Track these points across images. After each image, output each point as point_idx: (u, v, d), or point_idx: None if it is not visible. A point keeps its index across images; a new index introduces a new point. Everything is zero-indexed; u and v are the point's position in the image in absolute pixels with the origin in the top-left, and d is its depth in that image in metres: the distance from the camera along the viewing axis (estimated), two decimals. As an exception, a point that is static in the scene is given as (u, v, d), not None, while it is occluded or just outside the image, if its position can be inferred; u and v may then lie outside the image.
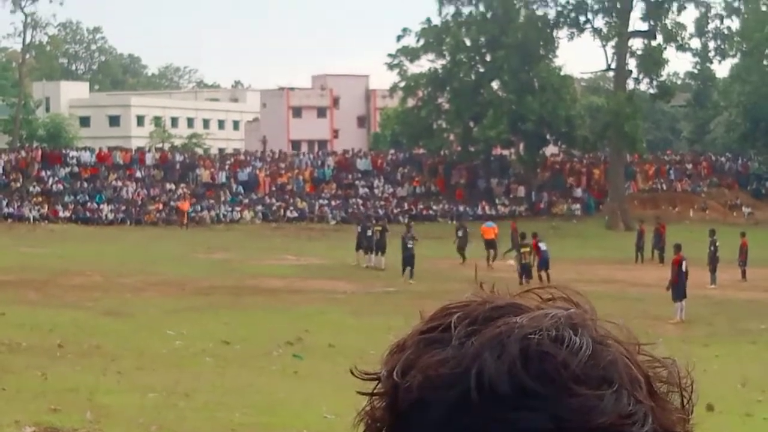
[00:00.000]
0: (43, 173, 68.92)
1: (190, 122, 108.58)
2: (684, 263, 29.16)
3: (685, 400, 1.18)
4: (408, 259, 37.07)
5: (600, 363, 1.11)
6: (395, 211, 68.26)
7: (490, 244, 42.10)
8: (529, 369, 1.10)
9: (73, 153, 73.02)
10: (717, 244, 37.96)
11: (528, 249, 33.29)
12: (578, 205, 72.85)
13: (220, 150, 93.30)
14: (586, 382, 1.10)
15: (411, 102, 74.46)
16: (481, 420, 1.10)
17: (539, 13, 71.63)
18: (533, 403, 1.09)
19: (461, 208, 70.39)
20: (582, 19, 71.62)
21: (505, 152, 76.31)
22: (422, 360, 1.13)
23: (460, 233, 40.42)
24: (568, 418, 1.09)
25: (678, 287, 28.82)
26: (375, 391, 1.18)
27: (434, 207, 70.48)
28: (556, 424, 1.09)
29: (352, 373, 1.21)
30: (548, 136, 72.27)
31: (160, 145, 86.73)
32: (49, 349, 19.71)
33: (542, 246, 36.16)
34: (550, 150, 76.05)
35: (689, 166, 78.92)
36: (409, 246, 37.31)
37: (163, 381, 16.49)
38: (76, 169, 70.06)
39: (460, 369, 1.11)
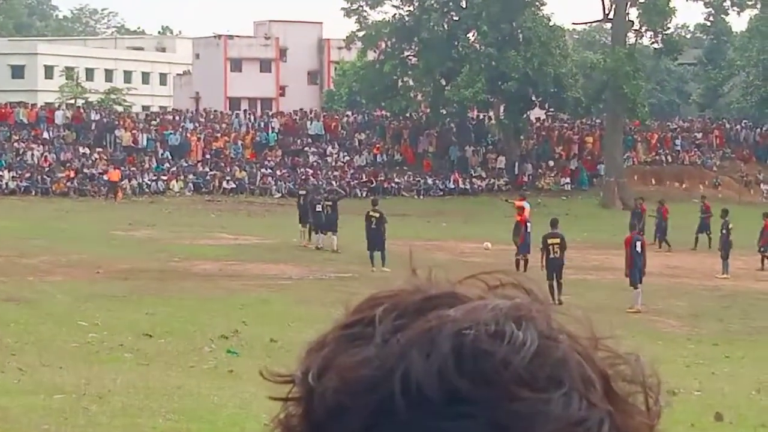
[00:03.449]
0: (-70, 133, 68.49)
1: (109, 75, 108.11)
2: (638, 243, 29.86)
3: (651, 401, 1.16)
4: (373, 241, 36.01)
5: (547, 361, 1.10)
6: (352, 183, 68.15)
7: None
8: (462, 369, 1.08)
9: (-33, 109, 72.55)
10: (730, 226, 38.11)
11: (558, 240, 31.90)
12: (568, 179, 73.13)
13: (144, 108, 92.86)
14: (530, 383, 1.08)
15: (372, 55, 74.40)
16: (407, 429, 1.09)
17: (525, -49, 71.66)
18: (467, 409, 1.08)
19: (429, 181, 70.53)
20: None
21: (483, 115, 76.44)
22: (340, 360, 1.12)
23: (329, 204, 40.33)
24: (510, 426, 1.08)
25: (633, 271, 29.42)
26: (289, 396, 1.18)
27: (398, 179, 70.48)
28: None
29: (261, 374, 1.20)
30: (534, 98, 72.40)
31: (72, 102, 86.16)
32: (-63, 341, 19.58)
33: (529, 227, 36.03)
34: (536, 114, 76.26)
35: (699, 135, 79.28)
36: (373, 227, 36.39)
37: (73, 380, 16.41)
38: (-30, 128, 69.61)
39: (382, 370, 1.10)
